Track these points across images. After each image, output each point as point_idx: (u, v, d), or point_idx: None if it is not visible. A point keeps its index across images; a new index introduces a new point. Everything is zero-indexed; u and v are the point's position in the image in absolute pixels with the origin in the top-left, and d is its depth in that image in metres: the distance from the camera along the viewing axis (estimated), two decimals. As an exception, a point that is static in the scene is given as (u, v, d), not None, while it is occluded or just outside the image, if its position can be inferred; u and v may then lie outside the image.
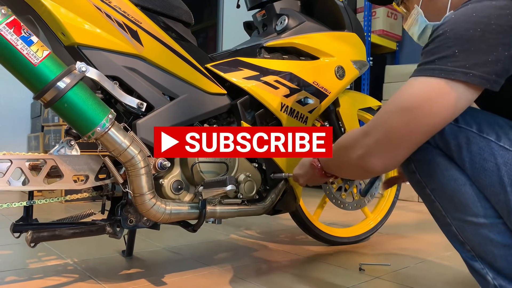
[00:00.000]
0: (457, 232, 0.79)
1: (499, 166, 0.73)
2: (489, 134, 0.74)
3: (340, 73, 1.32)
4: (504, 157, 0.72)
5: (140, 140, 0.94)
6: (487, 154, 0.73)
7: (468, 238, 0.78)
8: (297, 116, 1.22)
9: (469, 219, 0.77)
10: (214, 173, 1.05)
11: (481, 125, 0.75)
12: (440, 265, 1.28)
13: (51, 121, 2.57)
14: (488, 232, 0.76)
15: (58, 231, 0.93)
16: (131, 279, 1.08)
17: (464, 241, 0.79)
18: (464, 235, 0.78)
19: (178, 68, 1.04)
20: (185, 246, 1.44)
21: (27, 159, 0.87)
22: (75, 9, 0.89)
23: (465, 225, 0.78)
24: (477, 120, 0.75)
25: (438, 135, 0.75)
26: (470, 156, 0.74)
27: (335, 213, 2.20)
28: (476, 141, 0.74)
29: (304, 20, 1.31)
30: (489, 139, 0.74)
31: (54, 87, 0.81)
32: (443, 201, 0.79)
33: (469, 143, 0.74)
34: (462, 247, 0.80)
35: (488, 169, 0.73)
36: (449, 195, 0.78)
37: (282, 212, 1.29)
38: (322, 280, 1.11)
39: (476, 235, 0.77)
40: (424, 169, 0.79)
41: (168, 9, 1.08)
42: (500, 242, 0.75)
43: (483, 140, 0.74)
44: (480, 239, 0.77)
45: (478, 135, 0.74)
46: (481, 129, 0.74)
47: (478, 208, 0.76)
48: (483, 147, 0.73)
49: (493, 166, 0.73)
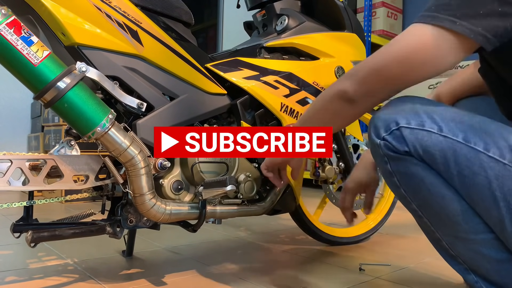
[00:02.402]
0: (448, 247, 0.77)
1: (490, 180, 0.67)
2: (476, 143, 0.68)
3: (340, 74, 1.32)
4: (494, 169, 0.67)
5: (140, 140, 0.94)
6: (476, 167, 0.68)
7: (460, 253, 0.76)
8: (297, 116, 1.22)
9: (460, 235, 0.74)
10: (214, 173, 1.05)
11: (467, 133, 0.69)
12: (440, 265, 1.27)
13: (51, 121, 2.57)
14: (480, 247, 0.73)
15: (58, 231, 0.93)
16: (131, 279, 1.08)
17: (456, 255, 0.77)
18: (455, 250, 0.76)
19: (178, 68, 1.04)
20: (185, 246, 1.44)
21: (27, 159, 0.87)
22: (75, 9, 0.89)
23: (456, 240, 0.75)
24: (462, 127, 0.70)
25: (422, 148, 0.70)
26: (458, 169, 0.69)
27: (335, 213, 2.20)
28: (463, 152, 0.68)
29: (304, 20, 1.31)
30: (477, 149, 0.68)
31: (54, 87, 0.81)
32: (431, 218, 0.76)
33: (456, 155, 0.69)
34: (454, 261, 0.78)
35: (479, 183, 0.68)
36: (436, 212, 0.74)
37: (282, 212, 1.29)
38: (322, 280, 1.11)
39: (468, 251, 0.75)
40: (409, 184, 0.75)
41: (168, 9, 1.08)
42: (493, 257, 0.73)
43: (471, 151, 0.68)
44: (472, 254, 0.74)
45: (465, 146, 0.69)
46: (467, 138, 0.69)
47: (469, 225, 0.72)
48: (471, 159, 0.68)
49: (484, 180, 0.68)
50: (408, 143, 0.71)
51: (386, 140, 0.73)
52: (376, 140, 0.75)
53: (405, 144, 0.71)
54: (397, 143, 0.72)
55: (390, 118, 0.74)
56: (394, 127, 0.72)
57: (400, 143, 0.72)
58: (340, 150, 1.43)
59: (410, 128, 0.71)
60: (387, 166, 0.75)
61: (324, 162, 1.42)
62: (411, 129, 0.71)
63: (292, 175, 1.07)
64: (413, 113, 0.72)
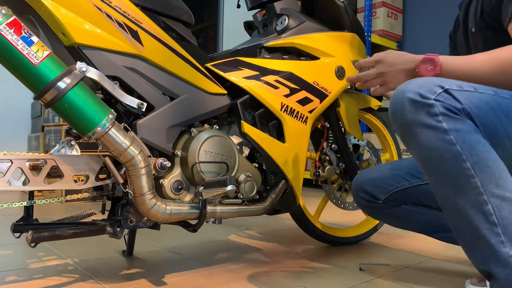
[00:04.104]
0: (492, 211, 0.76)
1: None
2: (504, 94, 0.82)
3: (340, 73, 1.32)
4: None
5: (141, 140, 0.94)
6: None
7: (504, 217, 0.75)
8: (297, 116, 1.22)
9: (507, 195, 0.75)
10: (214, 173, 1.05)
11: (492, 88, 0.82)
12: (440, 265, 1.28)
13: (52, 121, 2.57)
14: None
15: (58, 231, 0.93)
16: (131, 279, 1.08)
17: (498, 222, 0.75)
18: (500, 215, 0.75)
19: (178, 68, 1.04)
20: (185, 246, 1.44)
21: (27, 159, 0.87)
22: (76, 9, 0.89)
23: (503, 203, 0.75)
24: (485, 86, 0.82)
25: (472, 104, 0.78)
26: (505, 114, 0.80)
27: (335, 213, 2.20)
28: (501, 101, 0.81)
29: (304, 20, 1.31)
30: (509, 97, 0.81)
31: (55, 87, 0.81)
32: (484, 176, 0.76)
33: (499, 103, 0.80)
34: (491, 231, 0.76)
35: None
36: (491, 169, 0.76)
37: (282, 212, 1.29)
38: (322, 280, 1.11)
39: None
40: (465, 140, 0.77)
41: (169, 9, 1.08)
42: None
43: (505, 100, 0.81)
44: None
45: (499, 97, 0.81)
46: (496, 91, 0.81)
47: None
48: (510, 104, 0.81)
49: None
50: (460, 101, 0.77)
51: (440, 101, 0.77)
52: (428, 101, 0.78)
53: (458, 102, 0.77)
54: (453, 102, 0.77)
55: (430, 85, 0.79)
56: (441, 90, 0.78)
57: (454, 102, 0.77)
58: (340, 150, 1.43)
59: (455, 90, 0.78)
60: (441, 125, 0.78)
61: (324, 162, 1.42)
62: (456, 90, 0.78)
63: None
64: (445, 80, 0.79)
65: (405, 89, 0.80)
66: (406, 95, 0.79)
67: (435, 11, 3.50)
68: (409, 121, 0.80)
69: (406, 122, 0.81)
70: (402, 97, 0.80)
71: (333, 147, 1.42)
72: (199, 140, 1.03)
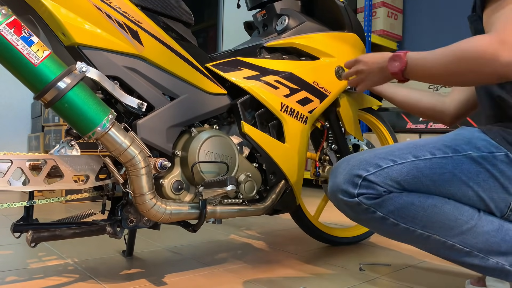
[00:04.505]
0: (461, 247, 0.83)
1: (453, 172, 0.82)
2: (424, 155, 0.83)
3: (340, 73, 1.32)
4: (449, 164, 0.82)
5: (141, 140, 0.94)
6: (438, 169, 0.82)
7: (472, 244, 0.82)
8: (297, 116, 1.23)
9: (464, 228, 0.82)
10: (214, 173, 1.05)
11: (412, 152, 0.84)
12: (440, 265, 1.28)
13: (52, 121, 2.57)
14: (482, 228, 0.81)
15: (58, 231, 0.93)
16: (131, 279, 1.08)
17: (471, 250, 0.82)
18: (468, 245, 0.82)
19: (178, 68, 1.04)
20: (185, 246, 1.44)
21: (27, 159, 0.87)
22: (76, 9, 0.89)
23: (464, 236, 0.82)
24: (405, 151, 0.84)
25: (394, 181, 0.81)
26: (429, 178, 0.82)
27: (335, 213, 2.20)
28: (422, 165, 0.82)
29: (304, 20, 1.31)
30: (429, 158, 0.83)
31: (55, 87, 0.81)
32: (437, 230, 0.83)
33: (420, 169, 0.82)
34: (469, 256, 0.83)
35: (448, 179, 0.82)
36: (439, 221, 0.82)
37: (282, 212, 1.29)
38: (322, 280, 1.11)
39: (477, 237, 0.82)
40: (404, 215, 0.83)
41: (169, 9, 1.08)
42: (493, 229, 0.82)
43: (426, 161, 0.83)
44: (481, 237, 0.81)
45: (419, 160, 0.83)
46: (416, 155, 0.83)
47: (464, 215, 0.82)
48: (431, 166, 0.82)
49: (450, 175, 0.82)
50: (380, 184, 0.81)
51: (362, 194, 0.83)
52: (353, 200, 0.84)
53: (379, 186, 0.82)
54: (373, 190, 0.82)
55: (350, 176, 0.84)
56: (360, 180, 0.83)
57: (375, 188, 0.82)
58: (340, 150, 1.43)
59: (373, 173, 0.82)
60: (376, 214, 0.83)
61: (324, 162, 1.42)
62: (374, 174, 0.82)
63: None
64: (364, 163, 0.83)
65: (333, 188, 0.87)
66: (337, 196, 0.86)
67: (435, 11, 3.50)
68: (352, 218, 0.89)
69: (351, 218, 0.90)
70: (335, 198, 0.88)
71: (333, 147, 1.42)
72: (199, 140, 1.03)
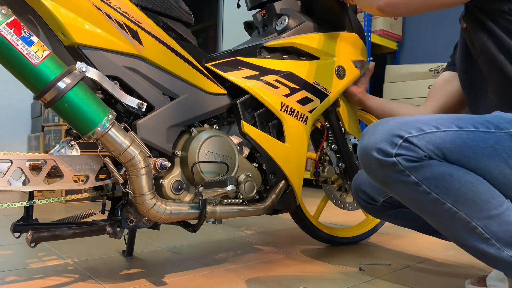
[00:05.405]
0: (483, 231, 0.80)
1: (495, 148, 0.79)
2: (467, 126, 0.80)
3: (341, 73, 1.32)
4: (491, 139, 0.79)
5: (140, 140, 0.94)
6: (481, 143, 0.79)
7: (494, 231, 0.80)
8: (297, 116, 1.22)
9: (492, 213, 0.79)
10: (214, 173, 1.05)
11: (455, 123, 0.80)
12: (440, 265, 1.28)
13: (52, 121, 2.57)
14: (509, 217, 0.79)
15: (58, 231, 0.93)
16: (131, 279, 1.08)
17: (490, 237, 0.80)
18: (490, 231, 0.80)
19: (178, 68, 1.04)
20: (185, 246, 1.44)
21: (27, 159, 0.87)
22: (75, 9, 0.89)
23: (490, 220, 0.79)
24: (448, 120, 0.81)
25: (436, 147, 0.77)
26: (471, 150, 0.79)
27: (335, 213, 2.20)
28: (465, 136, 0.79)
29: (304, 20, 1.31)
30: (472, 130, 0.80)
31: (54, 87, 0.81)
32: (466, 208, 0.80)
33: (463, 140, 0.79)
34: (487, 244, 0.81)
35: (489, 154, 0.79)
36: (471, 199, 0.79)
37: (282, 212, 1.29)
38: (322, 280, 1.11)
39: (501, 225, 0.80)
40: (439, 185, 0.79)
41: (169, 9, 1.08)
42: None
43: (469, 133, 0.79)
44: (505, 226, 0.79)
45: (463, 131, 0.79)
46: (460, 125, 0.80)
47: (495, 199, 0.79)
48: (474, 138, 0.79)
49: (491, 150, 0.79)
50: (422, 148, 0.77)
51: (400, 154, 0.77)
52: (390, 159, 0.78)
53: (420, 150, 0.77)
54: (413, 153, 0.77)
55: (389, 135, 0.78)
56: (401, 140, 0.77)
57: (416, 151, 0.77)
58: (340, 150, 1.43)
59: (415, 136, 0.77)
60: (410, 178, 0.79)
61: (324, 162, 1.42)
62: (416, 137, 0.77)
63: None
64: (406, 125, 0.79)
65: (367, 146, 0.81)
66: (371, 154, 0.80)
67: (435, 11, 3.50)
68: (381, 179, 0.83)
69: (379, 180, 0.84)
70: (367, 156, 0.82)
71: (333, 147, 1.42)
72: (199, 140, 1.03)
